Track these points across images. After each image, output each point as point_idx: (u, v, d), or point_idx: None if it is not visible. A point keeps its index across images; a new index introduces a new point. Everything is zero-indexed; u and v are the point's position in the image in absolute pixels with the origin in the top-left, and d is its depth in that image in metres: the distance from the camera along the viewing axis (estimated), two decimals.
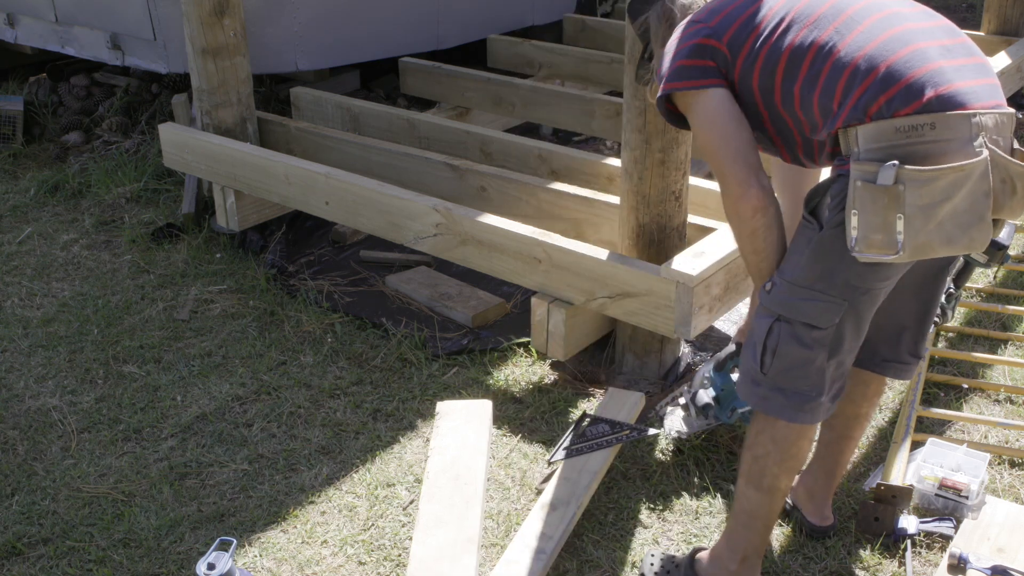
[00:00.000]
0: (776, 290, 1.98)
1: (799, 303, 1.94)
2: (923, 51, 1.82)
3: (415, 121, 4.16)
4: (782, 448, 2.06)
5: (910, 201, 1.75)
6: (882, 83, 1.80)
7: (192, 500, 2.66)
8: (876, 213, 1.77)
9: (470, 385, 3.11)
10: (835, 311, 1.93)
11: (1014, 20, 5.24)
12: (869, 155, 1.79)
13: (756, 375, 2.04)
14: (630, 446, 2.78)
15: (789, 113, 1.98)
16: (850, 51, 1.85)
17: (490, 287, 3.63)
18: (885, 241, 1.79)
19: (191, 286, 3.78)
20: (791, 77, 1.93)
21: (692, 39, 2.07)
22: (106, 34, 4.79)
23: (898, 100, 1.78)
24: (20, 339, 3.46)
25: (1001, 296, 3.53)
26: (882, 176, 1.75)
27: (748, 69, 2.00)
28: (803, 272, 1.93)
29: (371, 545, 2.49)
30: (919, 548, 2.40)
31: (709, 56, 2.03)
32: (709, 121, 2.04)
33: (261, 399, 3.08)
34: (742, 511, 2.16)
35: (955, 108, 1.77)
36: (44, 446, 2.90)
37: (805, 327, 1.95)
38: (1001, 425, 2.79)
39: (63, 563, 2.45)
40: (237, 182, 3.91)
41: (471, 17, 5.50)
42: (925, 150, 1.76)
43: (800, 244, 1.96)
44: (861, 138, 1.81)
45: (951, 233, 1.80)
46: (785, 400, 2.02)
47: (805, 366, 1.98)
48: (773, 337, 1.98)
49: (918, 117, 1.76)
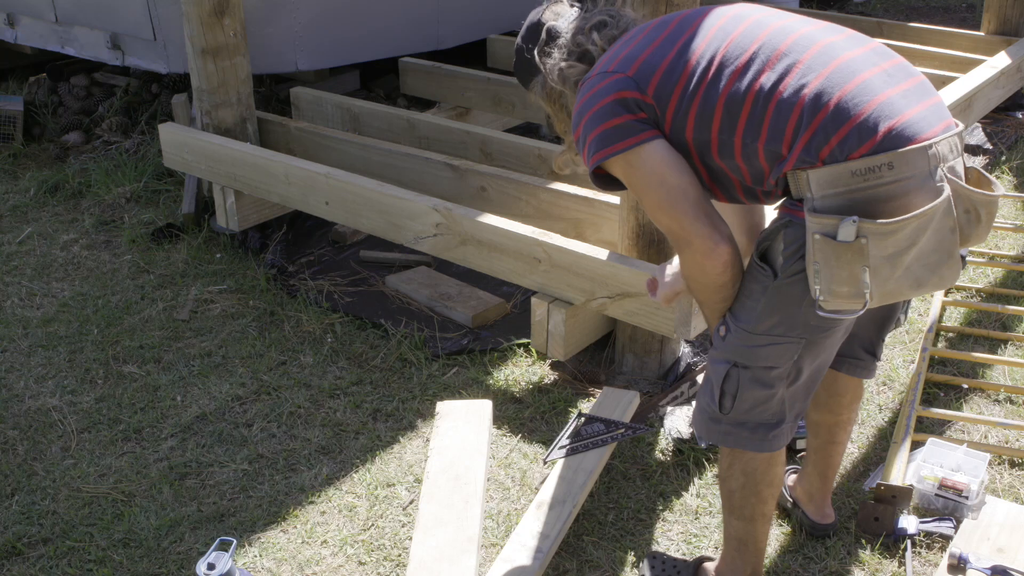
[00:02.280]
0: (731, 337, 1.90)
1: (757, 349, 1.88)
2: (868, 82, 1.72)
3: (415, 121, 4.16)
4: (755, 478, 2.03)
5: (874, 253, 1.67)
6: (832, 122, 1.68)
7: (192, 500, 2.66)
8: (840, 267, 1.69)
9: (470, 385, 3.11)
10: (794, 350, 1.88)
11: (1014, 20, 5.24)
12: (825, 203, 1.69)
13: (715, 415, 1.97)
14: (630, 446, 2.78)
15: (728, 164, 1.84)
16: (793, 90, 1.72)
17: (490, 287, 3.63)
18: (851, 293, 1.72)
19: (191, 286, 3.78)
20: (729, 127, 1.78)
21: (610, 93, 1.84)
22: (106, 34, 4.79)
23: (851, 140, 1.67)
24: (20, 339, 3.46)
25: (1001, 296, 3.53)
26: (842, 233, 1.66)
27: (680, 123, 1.83)
28: (759, 320, 1.85)
29: (371, 545, 2.49)
30: (919, 548, 2.40)
31: (635, 108, 1.83)
32: (656, 178, 1.83)
33: (261, 399, 3.08)
34: (732, 538, 2.15)
35: (910, 142, 1.67)
36: (44, 446, 2.90)
37: (764, 369, 1.89)
38: (1001, 425, 2.79)
39: (63, 563, 2.45)
40: (237, 182, 3.91)
41: (471, 17, 5.50)
42: (886, 192, 1.67)
43: (754, 291, 1.86)
44: (814, 183, 1.70)
45: (919, 275, 1.73)
46: (749, 433, 1.97)
47: (767, 402, 1.94)
48: (731, 382, 1.91)
49: (874, 158, 1.65)
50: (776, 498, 2.09)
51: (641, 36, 1.92)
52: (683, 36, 1.86)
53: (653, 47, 1.86)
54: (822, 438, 2.33)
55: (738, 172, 1.84)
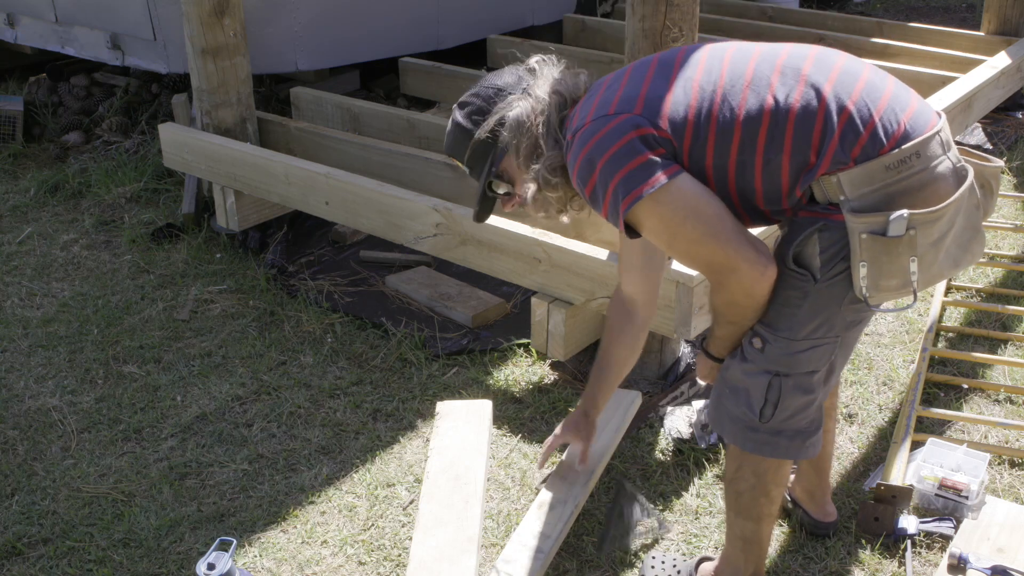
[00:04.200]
0: (772, 348, 1.87)
1: (799, 355, 1.87)
2: (870, 81, 1.77)
3: (415, 121, 4.16)
4: (765, 479, 2.03)
5: (922, 242, 1.72)
6: (857, 122, 1.72)
7: (192, 500, 2.66)
8: (890, 261, 1.72)
9: (470, 385, 3.11)
10: (831, 350, 1.90)
11: (1014, 20, 5.24)
12: (863, 202, 1.72)
13: (753, 423, 1.95)
14: (630, 446, 2.78)
15: (745, 186, 1.81)
16: (809, 98, 1.74)
17: (490, 287, 3.63)
18: (900, 284, 1.75)
19: (191, 286, 3.78)
20: (751, 146, 1.76)
21: (626, 133, 1.77)
22: (106, 34, 4.79)
23: (879, 136, 1.71)
24: (20, 339, 3.46)
25: (1001, 296, 3.53)
26: (894, 228, 1.69)
27: (700, 152, 1.78)
28: (802, 326, 1.84)
29: (371, 545, 2.49)
30: (919, 548, 2.40)
31: (654, 144, 1.76)
32: (692, 212, 1.76)
33: (261, 399, 3.08)
34: (736, 538, 2.14)
35: (925, 128, 1.74)
36: (44, 446, 2.90)
37: (806, 375, 1.90)
38: (1001, 425, 2.79)
39: (63, 563, 2.45)
40: (237, 182, 3.91)
41: (471, 17, 5.50)
42: (918, 181, 1.72)
43: (792, 298, 1.84)
44: (847, 185, 1.72)
45: (956, 255, 1.81)
46: (788, 441, 1.96)
47: (807, 408, 1.94)
48: (774, 391, 1.89)
49: (903, 149, 1.71)
50: (781, 498, 2.09)
51: (624, 79, 1.87)
52: (674, 70, 1.83)
53: (647, 84, 1.82)
54: None
55: (753, 194, 1.82)
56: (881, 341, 3.27)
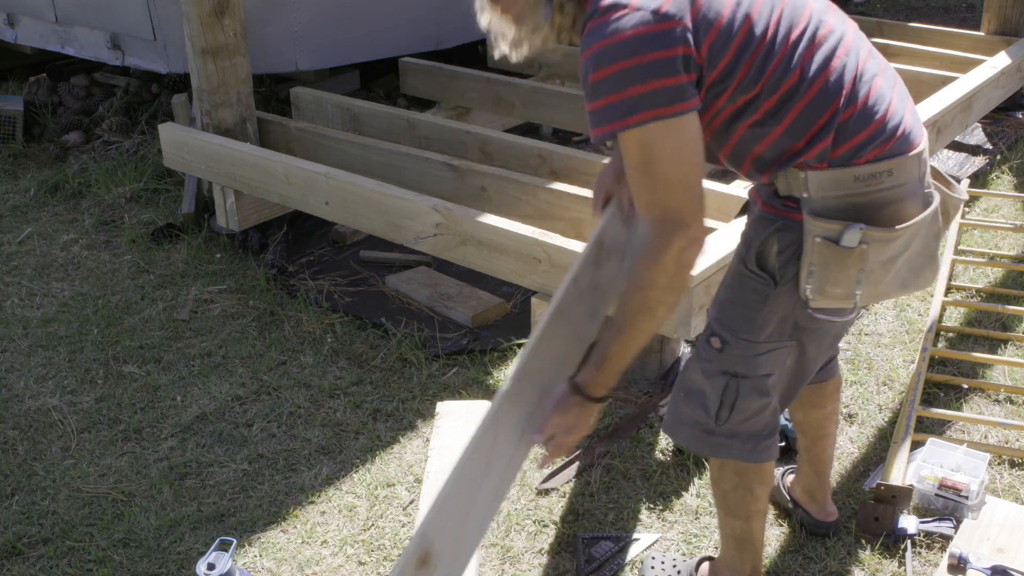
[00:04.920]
0: (731, 349, 1.87)
1: (759, 358, 1.87)
2: (881, 89, 1.74)
3: (415, 121, 4.16)
4: (747, 477, 2.03)
5: (873, 258, 1.71)
6: (854, 126, 1.69)
7: (192, 500, 2.66)
8: (838, 270, 1.72)
9: (470, 385, 3.11)
10: (788, 354, 1.90)
11: (1014, 20, 5.24)
12: (824, 204, 1.70)
13: (709, 426, 1.95)
14: (630, 446, 2.78)
15: (719, 135, 1.75)
16: (831, 87, 1.69)
17: (490, 287, 3.63)
18: (844, 294, 1.75)
19: (191, 286, 3.78)
20: (756, 105, 1.69)
21: (674, 46, 1.58)
22: (106, 34, 4.79)
23: (865, 146, 1.69)
24: (20, 339, 3.46)
25: (1001, 296, 3.53)
26: (847, 239, 1.68)
27: (716, 92, 1.67)
28: (762, 329, 1.84)
29: (371, 545, 2.49)
30: (919, 548, 2.40)
31: (683, 68, 1.60)
32: (684, 155, 1.63)
33: (261, 399, 3.08)
34: (729, 537, 2.15)
35: (909, 150, 1.72)
36: (44, 446, 2.90)
37: (763, 378, 1.90)
38: (1001, 425, 2.79)
39: (63, 563, 2.45)
40: (237, 182, 3.91)
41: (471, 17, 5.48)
42: (883, 198, 1.71)
43: (750, 300, 1.83)
44: (813, 185, 1.70)
45: (905, 278, 1.80)
46: (742, 444, 1.97)
47: (762, 412, 1.94)
48: (731, 392, 1.89)
49: (878, 165, 1.69)
50: (767, 494, 2.09)
51: None
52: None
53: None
54: (811, 434, 2.33)
55: (724, 146, 1.75)
56: (881, 341, 3.27)
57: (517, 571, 2.39)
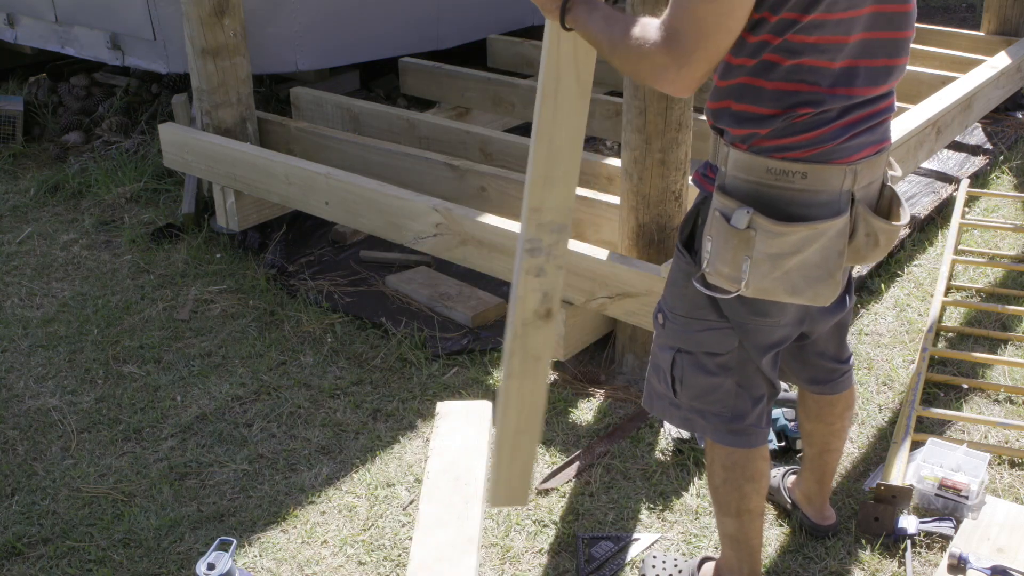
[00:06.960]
0: (670, 324, 1.96)
1: (696, 335, 1.93)
2: (852, 96, 1.67)
3: (415, 121, 4.16)
4: (735, 473, 2.03)
5: (759, 248, 1.71)
6: (801, 128, 1.67)
7: (192, 500, 2.66)
8: (726, 249, 1.74)
9: (470, 385, 3.11)
10: (731, 337, 1.91)
11: (1014, 20, 5.24)
12: (734, 183, 1.74)
13: (672, 399, 2.02)
14: (630, 446, 2.78)
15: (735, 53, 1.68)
16: (840, 83, 1.66)
17: (490, 287, 3.63)
18: (730, 275, 1.76)
19: (191, 286, 3.78)
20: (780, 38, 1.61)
21: None
22: (106, 34, 4.79)
23: (794, 148, 1.68)
24: (20, 339, 3.46)
25: (1001, 296, 3.53)
26: (735, 219, 1.70)
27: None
28: (691, 306, 1.91)
29: (371, 545, 2.49)
30: (919, 548, 2.40)
31: None
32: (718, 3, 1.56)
33: (261, 399, 3.08)
34: (725, 536, 2.16)
35: (838, 161, 1.69)
36: (44, 446, 2.90)
37: (707, 355, 1.93)
38: (1001, 425, 2.79)
39: (63, 563, 2.46)
40: (237, 182, 3.91)
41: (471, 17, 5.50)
42: (791, 197, 1.70)
43: (678, 279, 1.92)
44: (731, 162, 1.74)
45: (796, 284, 1.75)
46: (705, 422, 2.00)
47: (714, 391, 1.97)
48: (678, 367, 1.96)
49: (794, 164, 1.69)
50: (759, 495, 2.09)
51: None
52: None
53: None
54: (817, 446, 2.33)
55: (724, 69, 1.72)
56: (881, 341, 3.27)
57: (517, 571, 2.39)
